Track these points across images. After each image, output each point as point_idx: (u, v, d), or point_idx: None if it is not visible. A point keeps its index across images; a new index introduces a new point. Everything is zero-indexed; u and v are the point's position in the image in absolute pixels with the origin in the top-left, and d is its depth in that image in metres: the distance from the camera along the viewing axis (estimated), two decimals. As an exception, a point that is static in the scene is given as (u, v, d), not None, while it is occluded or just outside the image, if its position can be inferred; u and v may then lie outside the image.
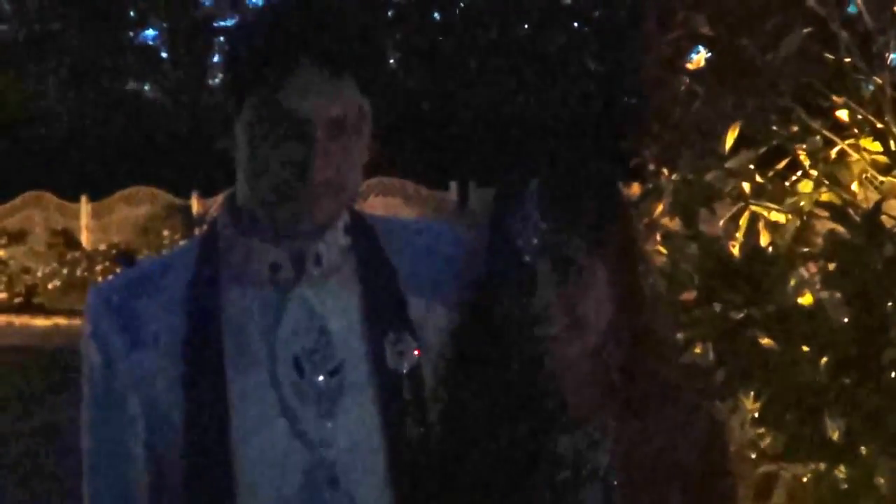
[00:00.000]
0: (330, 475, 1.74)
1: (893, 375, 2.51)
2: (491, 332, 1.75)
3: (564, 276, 1.70)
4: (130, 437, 1.78)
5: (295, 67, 1.68)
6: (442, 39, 28.06)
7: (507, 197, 1.76)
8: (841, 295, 2.62)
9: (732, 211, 2.88)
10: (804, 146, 2.92)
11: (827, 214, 2.71)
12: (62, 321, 17.92)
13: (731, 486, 1.87)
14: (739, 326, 2.62)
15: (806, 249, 2.79)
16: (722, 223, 2.91)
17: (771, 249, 2.80)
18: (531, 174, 1.74)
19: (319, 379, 1.76)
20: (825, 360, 2.57)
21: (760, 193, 2.87)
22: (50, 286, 20.04)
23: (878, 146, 2.85)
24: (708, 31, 2.80)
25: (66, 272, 20.06)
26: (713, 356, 2.65)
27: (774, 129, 2.89)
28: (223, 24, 30.59)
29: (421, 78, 25.72)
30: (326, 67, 1.69)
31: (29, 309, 19.78)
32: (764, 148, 2.92)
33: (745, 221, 2.85)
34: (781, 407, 2.55)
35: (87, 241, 21.56)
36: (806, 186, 2.93)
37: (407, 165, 17.61)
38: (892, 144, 2.80)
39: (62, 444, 8.89)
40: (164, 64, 31.22)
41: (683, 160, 2.83)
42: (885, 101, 2.79)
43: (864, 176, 2.92)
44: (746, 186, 2.87)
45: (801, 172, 2.95)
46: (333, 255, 1.80)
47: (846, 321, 2.59)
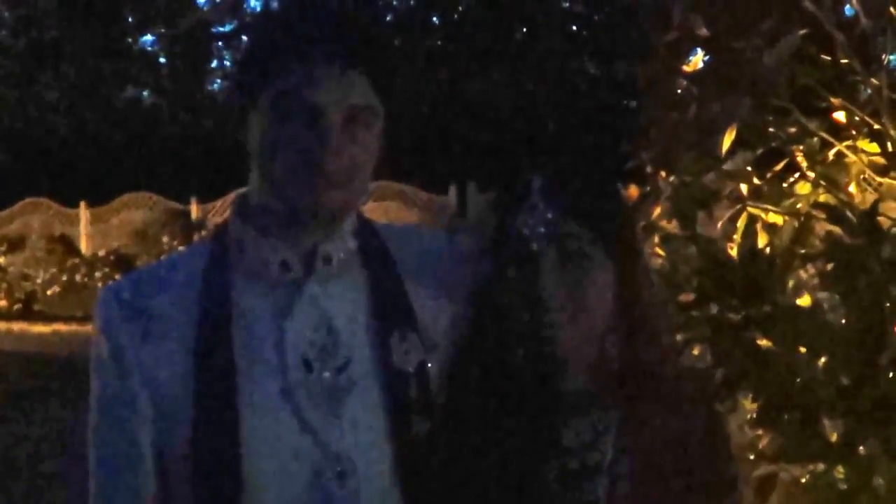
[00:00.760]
0: (338, 471, 1.76)
1: (892, 376, 2.51)
2: (496, 326, 1.78)
3: (569, 264, 1.73)
4: (139, 432, 1.79)
5: (311, 61, 1.73)
6: (441, 43, 28.07)
7: (512, 192, 1.80)
8: (839, 296, 2.62)
9: (730, 213, 2.88)
10: (801, 148, 2.93)
11: (824, 216, 2.71)
12: (62, 327, 17.94)
13: (733, 477, 1.88)
14: (737, 328, 2.63)
15: (804, 251, 2.79)
16: (720, 225, 2.91)
17: (769, 251, 2.80)
18: (535, 171, 1.79)
19: (327, 376, 1.79)
20: (823, 361, 2.57)
21: (758, 195, 2.88)
22: (49, 292, 20.05)
23: (875, 148, 2.85)
24: (705, 33, 2.80)
25: (65, 278, 20.07)
26: (711, 357, 2.65)
27: (772, 130, 2.89)
28: (221, 30, 30.60)
29: (420, 82, 25.71)
30: (341, 62, 1.74)
31: (28, 315, 19.80)
32: (761, 150, 2.92)
33: (742, 223, 2.85)
34: (779, 408, 2.55)
35: (86, 247, 21.57)
36: (803, 188, 2.93)
37: (406, 170, 17.63)
38: (889, 146, 2.80)
39: (62, 449, 8.89)
40: (162, 70, 31.23)
41: (681, 162, 2.83)
42: (882, 102, 2.79)
43: (861, 177, 2.92)
44: (744, 188, 2.88)
45: (798, 174, 2.95)
46: (342, 255, 1.85)
47: (844, 322, 2.59)
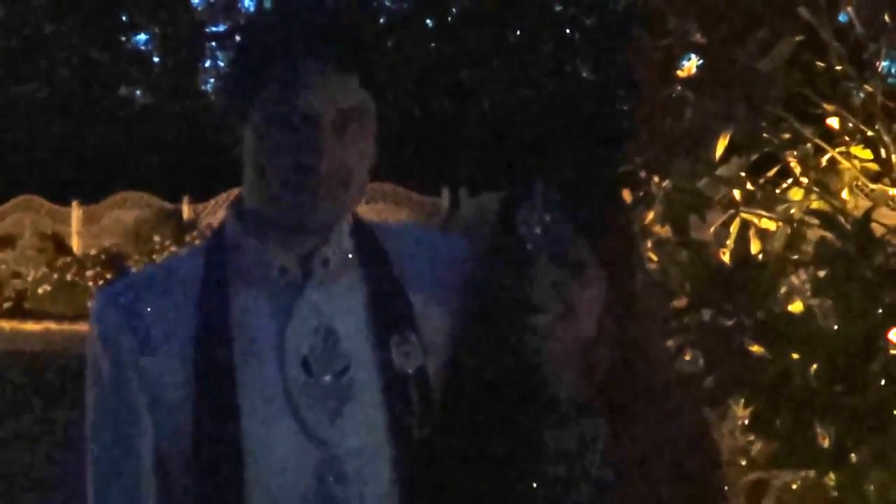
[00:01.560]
0: (338, 474, 1.76)
1: (884, 383, 2.50)
2: (488, 328, 1.78)
3: (563, 267, 1.73)
4: (139, 439, 1.79)
5: (302, 64, 1.73)
6: (435, 46, 28.07)
7: (506, 195, 1.82)
8: (831, 302, 2.62)
9: (723, 218, 2.88)
10: (795, 154, 2.93)
11: (817, 222, 2.71)
12: (53, 326, 17.90)
13: (720, 486, 1.88)
14: (729, 333, 2.62)
15: (796, 257, 2.79)
16: (712, 230, 2.91)
17: (761, 257, 2.80)
18: (528, 175, 1.80)
19: (327, 379, 1.79)
20: (815, 367, 2.57)
21: (751, 201, 2.87)
22: (40, 291, 19.99)
23: (868, 154, 2.85)
24: (699, 38, 2.80)
25: (56, 277, 20.02)
26: (703, 363, 2.64)
27: (765, 136, 2.89)
28: (215, 29, 30.57)
29: (413, 84, 25.71)
30: (332, 64, 1.74)
31: (19, 314, 19.74)
32: (755, 155, 2.92)
33: (735, 229, 2.85)
34: (771, 414, 2.55)
35: (77, 245, 21.53)
36: (796, 194, 2.93)
37: (399, 171, 17.63)
38: (882, 152, 2.80)
39: (51, 449, 8.87)
40: (155, 69, 31.18)
41: (674, 167, 2.83)
42: (875, 109, 2.79)
43: (854, 184, 2.93)
44: (737, 194, 2.87)
45: (791, 180, 2.95)
46: (339, 257, 1.85)
47: (836, 329, 2.59)
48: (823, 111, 2.89)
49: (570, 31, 28.58)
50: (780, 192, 2.95)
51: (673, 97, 2.87)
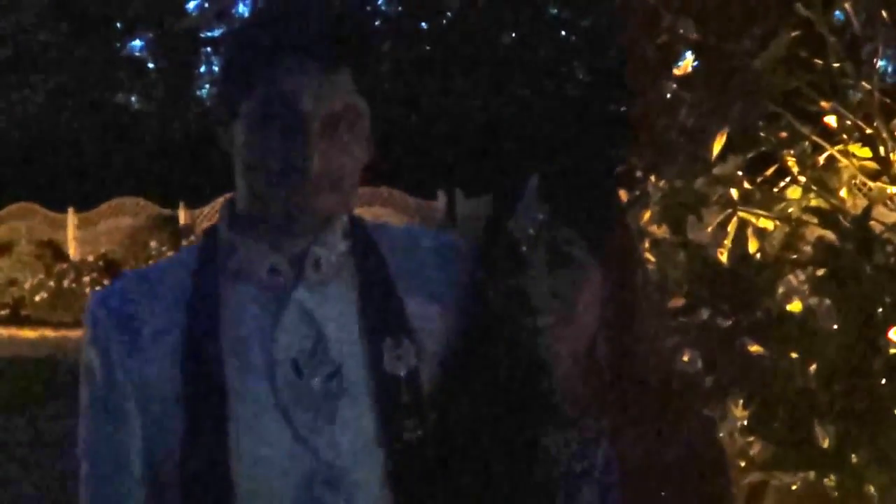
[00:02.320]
0: (329, 478, 1.75)
1: (884, 383, 2.49)
2: (485, 329, 1.77)
3: (559, 267, 1.72)
4: (129, 442, 1.78)
5: (292, 64, 1.72)
6: (429, 48, 28.10)
7: (501, 196, 1.80)
8: (830, 302, 2.61)
9: (720, 217, 2.86)
10: (793, 152, 2.91)
11: (816, 221, 2.71)
12: (50, 333, 17.88)
13: (726, 486, 1.87)
14: (728, 333, 2.61)
15: (795, 256, 2.78)
16: (710, 230, 2.89)
17: (759, 256, 2.79)
18: (525, 175, 1.79)
19: (317, 382, 1.77)
20: (814, 367, 2.56)
21: (748, 200, 2.86)
22: (37, 298, 19.98)
23: (866, 152, 2.84)
24: (695, 36, 2.79)
25: (52, 284, 20.00)
26: (701, 364, 2.63)
27: (762, 134, 2.87)
28: (210, 34, 30.60)
29: (408, 87, 25.73)
30: (323, 63, 1.72)
31: (16, 321, 19.72)
32: (752, 154, 2.90)
33: (733, 228, 2.83)
34: (771, 415, 2.54)
35: (73, 252, 21.52)
36: (794, 193, 2.92)
37: (394, 175, 17.64)
38: (881, 150, 2.79)
39: (48, 455, 8.86)
40: (151, 74, 31.21)
41: (671, 167, 2.82)
42: (873, 106, 2.77)
43: (852, 182, 2.91)
44: (734, 193, 2.86)
45: (789, 178, 2.94)
46: (332, 259, 1.83)
47: (836, 328, 2.58)
48: (821, 109, 2.88)
49: (565, 32, 28.63)
50: (777, 190, 2.94)
51: (669, 96, 2.86)
